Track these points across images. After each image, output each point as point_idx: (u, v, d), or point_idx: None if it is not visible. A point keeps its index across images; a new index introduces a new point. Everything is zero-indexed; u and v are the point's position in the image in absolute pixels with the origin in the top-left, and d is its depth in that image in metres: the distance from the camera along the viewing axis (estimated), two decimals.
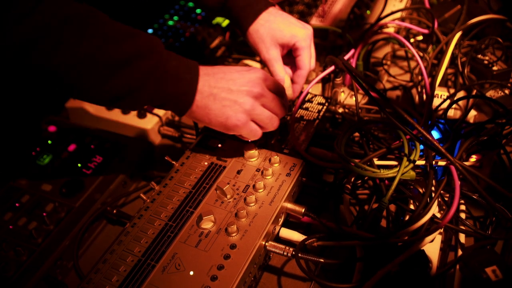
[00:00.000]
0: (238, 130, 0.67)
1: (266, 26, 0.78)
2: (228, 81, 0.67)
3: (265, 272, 0.69)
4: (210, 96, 0.65)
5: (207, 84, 0.66)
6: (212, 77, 0.66)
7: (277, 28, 0.78)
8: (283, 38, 0.79)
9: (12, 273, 0.66)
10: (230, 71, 0.68)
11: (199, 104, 0.65)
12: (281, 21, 0.79)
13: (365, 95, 0.90)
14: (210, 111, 0.66)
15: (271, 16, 0.79)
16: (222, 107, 0.66)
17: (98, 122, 0.93)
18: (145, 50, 0.60)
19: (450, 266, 0.61)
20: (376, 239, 0.61)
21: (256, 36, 0.79)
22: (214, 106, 0.66)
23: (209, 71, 0.67)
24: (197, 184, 0.70)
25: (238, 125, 0.66)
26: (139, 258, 0.62)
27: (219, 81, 0.66)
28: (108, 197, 0.78)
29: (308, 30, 0.80)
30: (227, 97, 0.66)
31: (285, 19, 0.80)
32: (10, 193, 0.78)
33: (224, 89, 0.66)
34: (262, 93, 0.67)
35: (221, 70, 0.68)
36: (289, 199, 0.69)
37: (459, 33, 0.89)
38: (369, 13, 1.09)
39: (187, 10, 1.21)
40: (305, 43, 0.79)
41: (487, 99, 0.79)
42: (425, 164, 0.67)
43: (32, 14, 0.52)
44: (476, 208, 0.73)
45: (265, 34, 0.79)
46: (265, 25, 0.79)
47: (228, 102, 0.66)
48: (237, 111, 0.66)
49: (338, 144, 0.69)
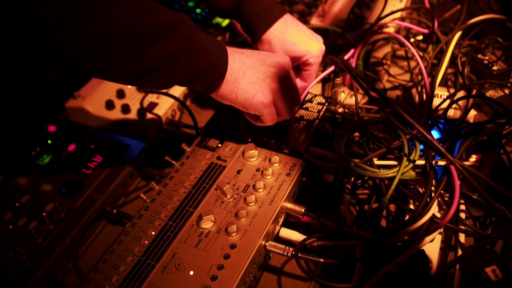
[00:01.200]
0: (261, 109, 0.67)
1: (280, 38, 0.76)
2: (257, 60, 0.67)
3: (265, 272, 0.69)
4: (240, 71, 0.65)
5: (237, 59, 0.66)
6: (240, 54, 0.67)
7: (291, 42, 0.76)
8: (296, 52, 0.76)
9: (12, 273, 0.66)
10: (258, 52, 0.69)
11: (229, 79, 0.65)
12: (296, 33, 0.76)
13: (365, 95, 0.90)
14: (238, 86, 0.66)
15: (286, 27, 0.76)
16: (251, 83, 0.66)
17: (98, 122, 0.93)
18: (178, 21, 0.59)
19: (450, 266, 0.61)
20: (376, 239, 0.61)
21: (268, 47, 0.77)
22: (243, 81, 0.66)
23: (237, 49, 0.68)
24: (197, 184, 0.70)
25: (263, 103, 0.67)
26: (139, 258, 0.62)
27: (248, 58, 0.67)
28: (108, 197, 0.78)
29: (322, 46, 0.78)
30: (256, 74, 0.66)
31: (300, 31, 0.77)
32: (10, 193, 0.78)
33: (253, 66, 0.66)
34: (288, 77, 0.68)
35: (249, 51, 0.68)
36: (289, 199, 0.69)
37: (459, 33, 0.89)
38: (369, 13, 1.09)
39: (187, 10, 1.21)
40: (318, 59, 0.79)
41: (487, 99, 0.79)
42: (425, 164, 0.67)
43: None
44: (476, 208, 0.73)
45: (278, 46, 0.76)
46: (279, 37, 0.76)
47: (256, 79, 0.66)
48: (264, 89, 0.66)
49: (338, 144, 0.69)
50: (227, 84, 0.65)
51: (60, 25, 0.51)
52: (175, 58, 0.59)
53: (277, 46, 0.76)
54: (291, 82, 0.70)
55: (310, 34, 0.79)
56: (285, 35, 0.76)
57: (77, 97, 0.96)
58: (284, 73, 0.68)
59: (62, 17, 0.50)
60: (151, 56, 0.57)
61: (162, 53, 0.58)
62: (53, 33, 0.51)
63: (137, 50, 0.57)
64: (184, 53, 0.60)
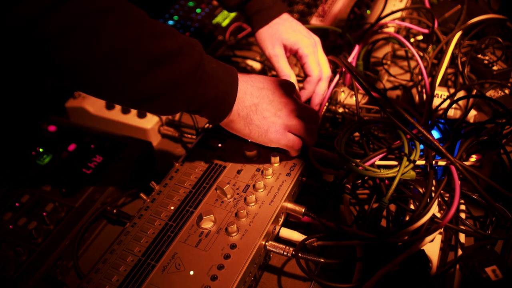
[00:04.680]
0: (278, 142, 0.67)
1: (274, 28, 0.83)
2: (268, 91, 0.67)
3: (265, 272, 0.69)
4: (252, 106, 0.65)
5: (249, 92, 0.65)
6: (251, 85, 0.66)
7: (284, 31, 0.82)
8: (287, 40, 0.82)
9: (12, 273, 0.66)
10: (267, 81, 0.68)
11: (241, 114, 0.64)
12: (289, 27, 0.83)
13: (365, 95, 0.90)
14: (251, 122, 0.65)
15: (281, 21, 0.83)
16: (263, 118, 0.65)
17: (98, 122, 0.93)
18: (186, 48, 0.58)
19: (450, 266, 0.61)
20: (376, 239, 0.61)
21: (263, 35, 0.83)
22: (255, 116, 0.65)
23: (247, 78, 0.66)
24: (197, 184, 0.70)
25: (277, 137, 0.66)
26: (139, 258, 0.62)
27: (259, 91, 0.66)
28: (108, 197, 0.78)
29: (312, 40, 0.83)
30: (268, 108, 0.66)
31: (293, 26, 0.84)
32: (10, 193, 0.78)
33: (265, 99, 0.66)
34: (298, 104, 0.69)
35: (258, 80, 0.68)
36: (289, 199, 0.69)
37: (459, 33, 0.89)
38: (369, 12, 1.09)
39: (187, 10, 1.21)
40: (308, 50, 0.81)
41: (487, 99, 0.79)
42: (425, 164, 0.67)
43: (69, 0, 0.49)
44: (476, 208, 0.73)
45: (271, 34, 0.83)
46: (273, 27, 0.83)
47: (268, 113, 0.66)
48: (275, 122, 0.66)
49: (338, 143, 0.69)
50: (239, 119, 0.65)
51: (60, 44, 0.50)
52: (177, 85, 0.58)
53: (270, 33, 0.83)
54: (302, 106, 0.70)
55: (303, 30, 0.84)
56: (278, 26, 0.83)
57: (77, 97, 0.96)
58: (294, 101, 0.68)
59: (63, 35, 0.50)
60: (152, 82, 0.56)
61: (165, 80, 0.57)
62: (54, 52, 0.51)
63: (137, 75, 0.55)
64: (188, 81, 0.58)
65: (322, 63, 0.83)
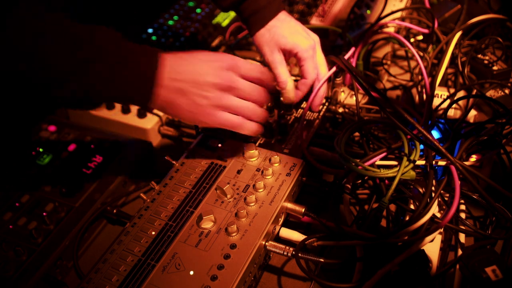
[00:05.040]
0: (212, 124, 0.65)
1: (272, 32, 0.80)
2: (194, 73, 0.63)
3: (265, 272, 0.69)
4: (177, 92, 0.63)
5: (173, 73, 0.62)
6: (175, 63, 0.63)
7: (282, 35, 0.79)
8: (285, 45, 0.79)
9: (12, 273, 0.66)
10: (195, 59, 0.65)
11: (167, 100, 0.63)
12: (287, 28, 0.80)
13: (365, 94, 0.90)
14: (179, 107, 0.63)
15: (278, 22, 0.80)
16: (191, 102, 0.63)
17: (98, 122, 0.93)
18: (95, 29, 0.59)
19: (450, 266, 0.61)
20: (376, 239, 0.61)
21: (261, 40, 0.81)
22: (181, 101, 0.63)
23: (172, 56, 0.63)
24: (197, 184, 0.70)
25: (209, 118, 0.64)
26: (139, 258, 0.62)
27: (183, 73, 0.63)
28: (108, 197, 0.78)
29: (311, 41, 0.80)
30: (193, 91, 0.63)
31: (291, 27, 0.81)
32: (10, 193, 0.78)
33: (189, 82, 0.63)
34: (231, 85, 0.64)
35: (184, 58, 0.64)
36: (289, 199, 0.69)
37: (459, 32, 0.89)
38: (369, 12, 1.09)
39: (187, 10, 1.21)
40: (307, 53, 0.80)
41: (487, 99, 0.79)
42: (425, 164, 0.67)
43: None
44: (476, 208, 0.73)
45: (269, 38, 0.80)
46: (271, 30, 0.80)
47: (194, 96, 0.63)
48: (205, 105, 0.64)
49: (338, 143, 0.69)
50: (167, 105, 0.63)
51: None
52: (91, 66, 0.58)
53: (268, 38, 0.80)
54: (239, 86, 0.65)
55: (301, 30, 0.82)
56: (276, 28, 0.80)
57: None
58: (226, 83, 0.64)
59: None
60: None
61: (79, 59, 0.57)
62: None
63: None
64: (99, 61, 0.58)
65: (320, 64, 0.82)
